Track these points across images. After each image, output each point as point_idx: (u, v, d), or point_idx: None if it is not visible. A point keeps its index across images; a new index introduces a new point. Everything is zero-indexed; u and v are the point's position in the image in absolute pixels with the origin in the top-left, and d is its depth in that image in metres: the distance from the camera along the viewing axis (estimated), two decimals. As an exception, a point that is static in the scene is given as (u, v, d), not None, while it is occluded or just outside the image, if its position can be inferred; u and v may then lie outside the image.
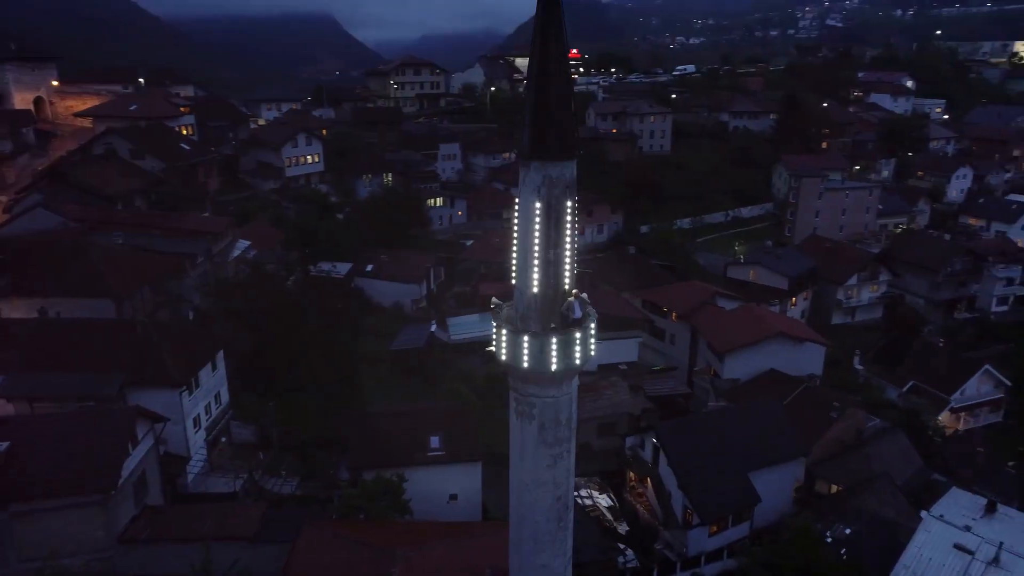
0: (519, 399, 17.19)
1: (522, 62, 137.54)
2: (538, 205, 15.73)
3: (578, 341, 16.39)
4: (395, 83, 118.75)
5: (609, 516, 40.38)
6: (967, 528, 34.39)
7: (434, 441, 35.63)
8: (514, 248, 16.66)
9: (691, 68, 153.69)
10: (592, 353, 16.87)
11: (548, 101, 15.23)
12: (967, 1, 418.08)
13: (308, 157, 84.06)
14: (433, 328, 55.54)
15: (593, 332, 16.75)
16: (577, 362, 16.55)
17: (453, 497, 35.74)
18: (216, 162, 72.55)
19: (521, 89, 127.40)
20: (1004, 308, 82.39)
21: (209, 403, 37.56)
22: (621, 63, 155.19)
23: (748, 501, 39.55)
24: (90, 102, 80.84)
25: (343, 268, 62.85)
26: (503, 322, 16.93)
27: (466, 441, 35.96)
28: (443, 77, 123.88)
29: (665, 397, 51.15)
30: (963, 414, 63.23)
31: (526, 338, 16.17)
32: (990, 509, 35.86)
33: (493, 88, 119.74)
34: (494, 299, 17.92)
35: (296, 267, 60.19)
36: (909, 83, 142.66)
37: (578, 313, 16.53)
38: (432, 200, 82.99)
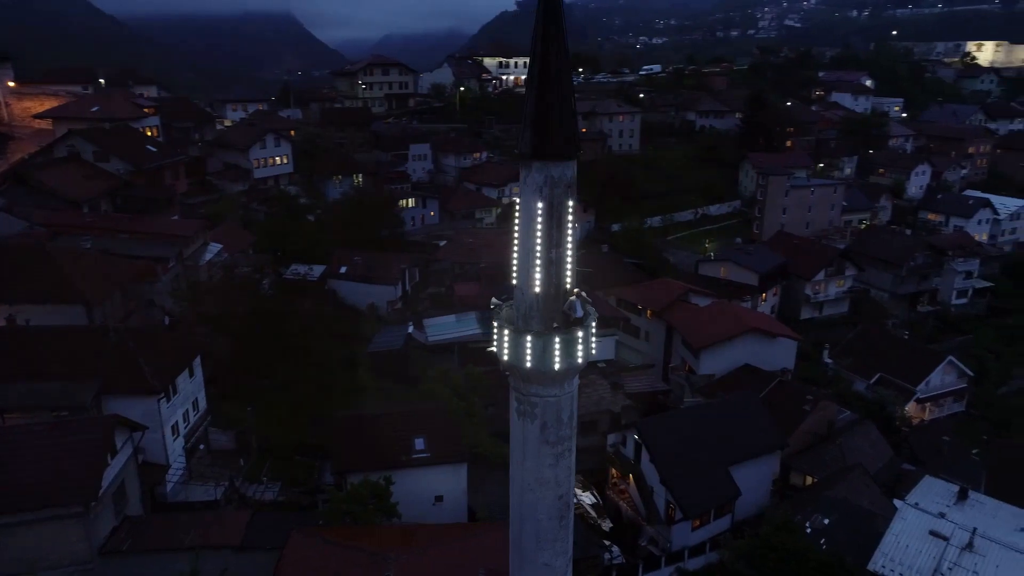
0: (521, 399, 17.21)
1: (491, 62, 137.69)
2: (540, 205, 15.77)
3: (580, 340, 16.45)
4: (363, 83, 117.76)
5: (593, 514, 40.64)
6: (941, 515, 35.39)
7: (419, 443, 35.43)
8: (515, 248, 16.67)
9: (657, 68, 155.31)
10: (593, 351, 16.96)
11: (550, 101, 15.27)
12: (919, 3, 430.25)
13: (277, 158, 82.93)
14: (410, 330, 55.24)
15: (594, 331, 16.84)
16: (579, 361, 16.63)
17: (439, 499, 35.58)
18: (184, 164, 71.09)
19: (490, 89, 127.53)
20: (963, 301, 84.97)
21: (187, 410, 36.81)
22: (588, 63, 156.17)
23: (729, 495, 40.17)
24: (48, 103, 78.52)
25: (318, 270, 62.15)
26: (504, 322, 16.92)
27: (451, 442, 35.85)
28: (412, 77, 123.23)
29: (644, 394, 51.62)
30: (928, 404, 64.99)
31: (529, 338, 16.18)
32: (962, 496, 36.93)
33: (462, 88, 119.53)
34: (493, 299, 17.92)
35: (269, 270, 59.36)
36: (868, 82, 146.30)
37: (579, 312, 16.59)
38: (404, 201, 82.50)
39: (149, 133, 73.88)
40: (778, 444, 44.50)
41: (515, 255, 16.74)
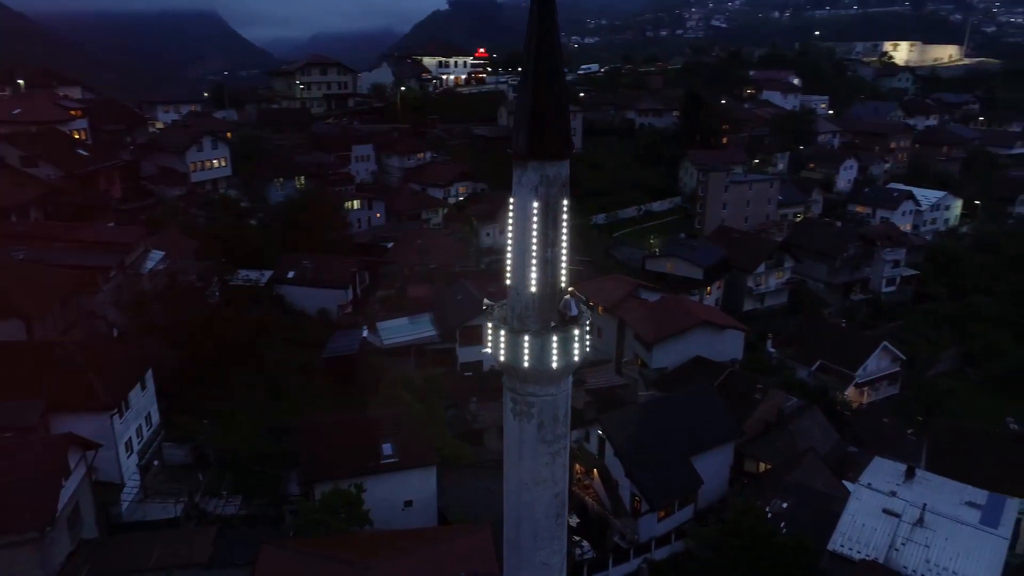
0: (517, 399, 17.14)
1: (430, 62, 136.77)
2: (536, 204, 15.73)
3: (577, 338, 16.53)
4: (301, 83, 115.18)
5: (560, 510, 40.82)
6: (892, 493, 37.10)
7: (387, 448, 35.00)
8: (508, 248, 16.61)
9: (595, 67, 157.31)
10: (588, 349, 17.06)
11: (546, 100, 15.25)
12: (836, 4, 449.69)
13: (214, 161, 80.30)
14: (365, 333, 54.37)
15: (588, 329, 16.94)
16: (576, 358, 16.69)
17: (408, 503, 35.26)
18: (118, 169, 67.98)
19: (431, 89, 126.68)
20: (892, 288, 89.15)
21: (140, 425, 35.30)
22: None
23: (692, 484, 41.11)
24: (-39, 106, 73.84)
25: (266, 276, 60.49)
26: (498, 323, 16.83)
27: (420, 446, 35.55)
28: (350, 77, 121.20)
29: (601, 389, 52.26)
30: (866, 388, 67.97)
31: (527, 338, 16.14)
32: (910, 474, 38.80)
33: (403, 88, 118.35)
34: (486, 300, 17.81)
35: (214, 277, 57.42)
36: (796, 81, 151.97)
37: (574, 310, 16.66)
38: (349, 203, 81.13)
39: (77, 136, 70.40)
40: (735, 433, 45.75)
41: (508, 255, 16.67)
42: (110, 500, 32.05)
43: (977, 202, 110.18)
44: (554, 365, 16.34)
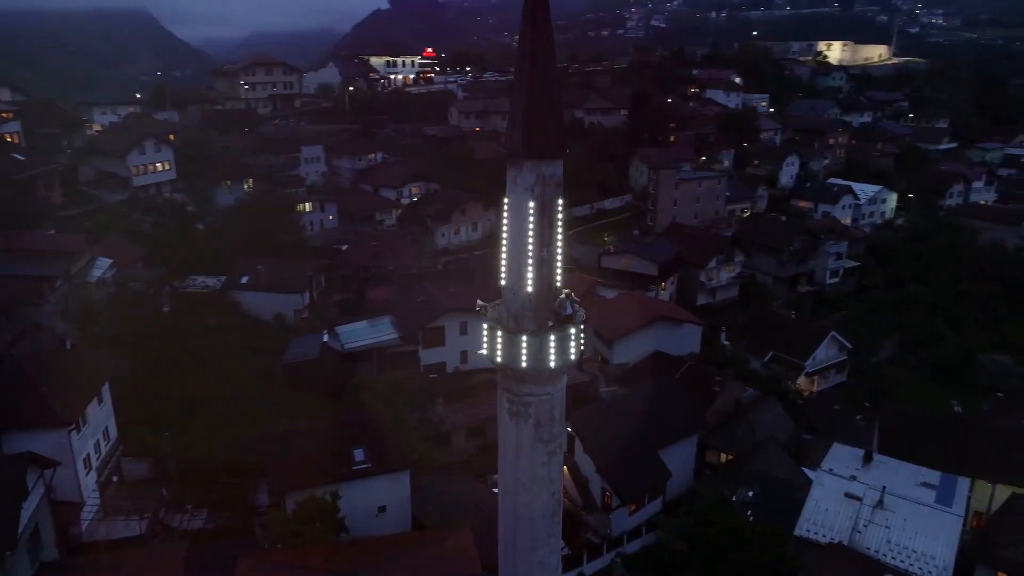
0: (514, 399, 17.12)
1: (378, 62, 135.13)
2: (532, 204, 15.75)
3: (572, 336, 16.62)
4: (245, 83, 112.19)
5: (532, 508, 40.94)
6: (853, 478, 38.46)
7: (358, 454, 34.41)
8: (503, 248, 16.57)
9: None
10: (583, 347, 17.17)
11: (541, 100, 15.27)
12: (770, 5, 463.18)
13: (158, 165, 77.66)
14: (325, 338, 53.39)
15: (583, 328, 17.04)
16: (572, 357, 16.81)
17: (382, 509, 34.73)
18: (56, 174, 65.01)
19: (381, 89, 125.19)
20: (836, 280, 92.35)
21: (98, 440, 33.87)
22: (475, 62, 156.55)
23: (661, 477, 41.72)
24: None
25: (219, 281, 58.81)
26: (494, 323, 16.78)
27: (392, 450, 35.09)
28: (296, 77, 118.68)
29: (568, 387, 52.38)
30: (816, 377, 70.15)
31: (525, 338, 16.14)
32: (867, 459, 40.31)
33: (352, 88, 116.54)
34: (479, 301, 17.72)
35: (164, 284, 55.60)
36: (738, 80, 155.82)
37: (569, 309, 16.74)
38: (301, 205, 79.54)
39: (10, 139, 67.09)
40: (699, 425, 46.64)
41: (503, 255, 16.62)
42: (69, 520, 30.65)
43: (910, 195, 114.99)
44: (552, 364, 16.41)
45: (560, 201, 16.10)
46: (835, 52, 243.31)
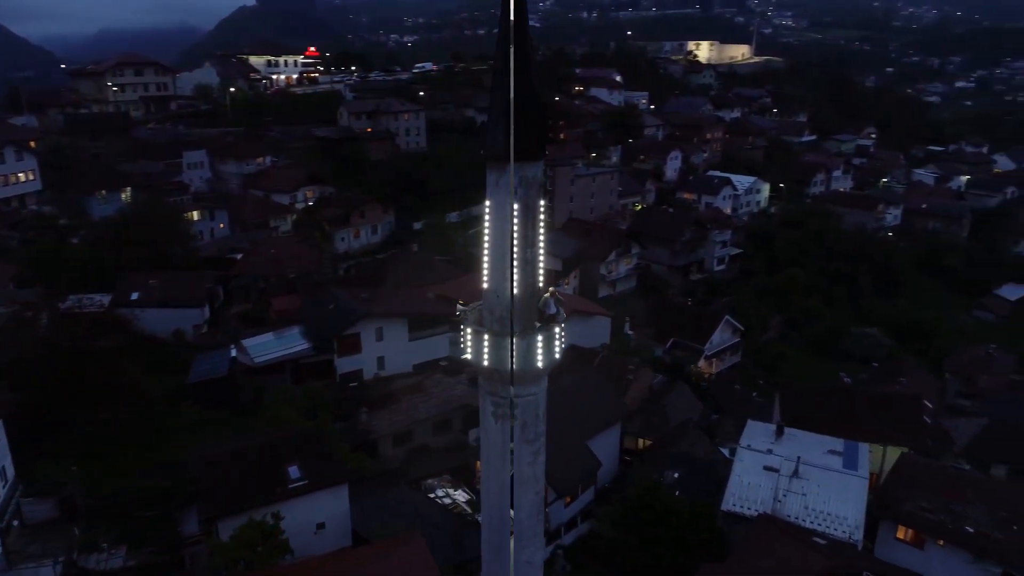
0: (499, 402, 17.02)
1: (258, 61, 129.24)
2: (515, 206, 15.71)
3: (558, 336, 16.77)
4: (113, 85, 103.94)
5: (469, 510, 40.82)
6: (769, 451, 41.01)
7: (293, 471, 33.07)
8: (485, 251, 16.44)
9: (429, 65, 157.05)
10: (564, 345, 17.34)
11: (522, 100, 15.24)
12: (637, 6, 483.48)
13: (20, 175, 70.99)
14: (233, 353, 50.74)
15: (565, 327, 17.23)
16: (557, 356, 16.92)
17: (321, 526, 33.58)
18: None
19: (264, 90, 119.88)
20: (723, 267, 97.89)
21: (-6, 482, 30.61)
22: (358, 61, 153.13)
23: (593, 467, 42.71)
24: None
25: (105, 299, 54.43)
26: (476, 327, 16.64)
27: (327, 464, 33.96)
28: (169, 78, 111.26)
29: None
30: (714, 360, 74.17)
31: (513, 340, 16.11)
32: (779, 432, 43.05)
33: (233, 89, 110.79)
34: (459, 305, 17.50)
35: (44, 305, 50.82)
36: (618, 78, 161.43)
37: (553, 308, 16.88)
38: (188, 214, 74.92)
39: None
40: (622, 413, 48.13)
41: (485, 258, 16.49)
42: (-30, 574, 27.55)
43: (781, 185, 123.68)
44: (540, 364, 16.46)
45: (542, 202, 16.15)
46: (704, 51, 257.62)
